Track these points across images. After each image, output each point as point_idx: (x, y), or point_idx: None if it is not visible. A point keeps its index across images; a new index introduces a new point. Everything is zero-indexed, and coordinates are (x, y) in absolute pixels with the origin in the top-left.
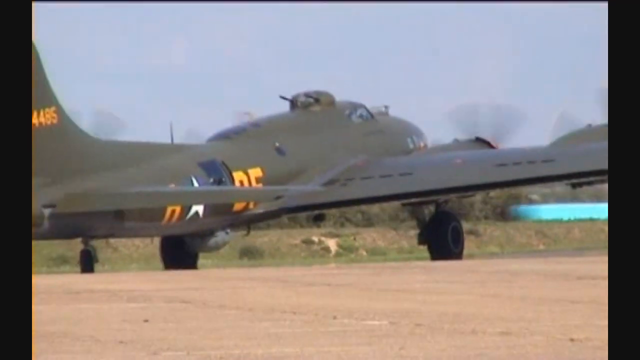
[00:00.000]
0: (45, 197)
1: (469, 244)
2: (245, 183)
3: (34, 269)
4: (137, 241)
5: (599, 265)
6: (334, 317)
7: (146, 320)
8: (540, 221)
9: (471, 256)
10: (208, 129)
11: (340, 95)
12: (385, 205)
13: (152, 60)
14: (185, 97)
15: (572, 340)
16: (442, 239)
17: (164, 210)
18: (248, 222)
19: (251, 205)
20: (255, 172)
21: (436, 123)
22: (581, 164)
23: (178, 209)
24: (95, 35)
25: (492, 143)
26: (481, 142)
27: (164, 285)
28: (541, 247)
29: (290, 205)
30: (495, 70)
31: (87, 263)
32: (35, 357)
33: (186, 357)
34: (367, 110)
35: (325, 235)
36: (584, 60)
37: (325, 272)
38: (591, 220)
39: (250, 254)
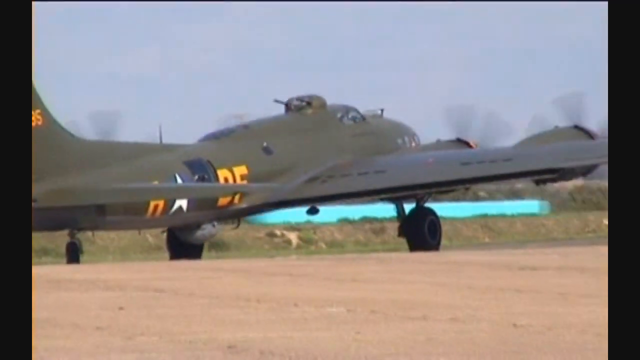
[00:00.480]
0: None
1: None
2: (230, 180)
3: None
4: (113, 234)
5: (539, 257)
6: (295, 305)
7: (121, 308)
8: (485, 216)
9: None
10: (201, 130)
11: (337, 98)
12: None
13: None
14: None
15: (515, 325)
16: (419, 231)
17: (147, 204)
18: (233, 216)
19: (236, 200)
20: (241, 170)
21: (435, 123)
22: (536, 163)
23: (161, 203)
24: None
25: (471, 143)
26: (461, 142)
27: (138, 275)
28: (486, 240)
29: (272, 200)
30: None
31: (73, 254)
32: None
33: (158, 342)
34: (359, 113)
35: (287, 228)
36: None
37: (287, 263)
38: (533, 215)
39: (217, 247)
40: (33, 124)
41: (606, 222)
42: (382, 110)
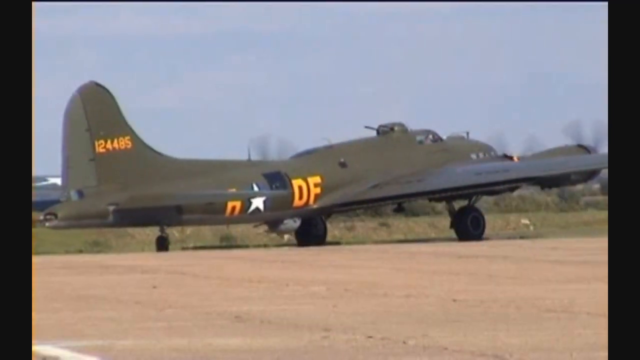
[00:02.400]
0: (111, 198)
1: (381, 234)
2: (304, 187)
3: (74, 249)
4: (148, 230)
5: (473, 248)
6: (287, 285)
7: (154, 287)
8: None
9: (383, 242)
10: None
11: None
12: None
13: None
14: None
15: (454, 300)
16: (463, 225)
17: (225, 205)
18: (307, 214)
19: (310, 202)
20: (315, 180)
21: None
22: (521, 173)
23: (238, 204)
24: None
25: (514, 157)
26: (506, 157)
27: (166, 262)
28: (432, 235)
29: (339, 202)
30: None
31: (162, 245)
32: (75, 313)
33: (182, 313)
34: (437, 135)
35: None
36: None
37: (281, 253)
38: None
39: (227, 240)
40: (123, 147)
41: (523, 221)
42: (467, 133)
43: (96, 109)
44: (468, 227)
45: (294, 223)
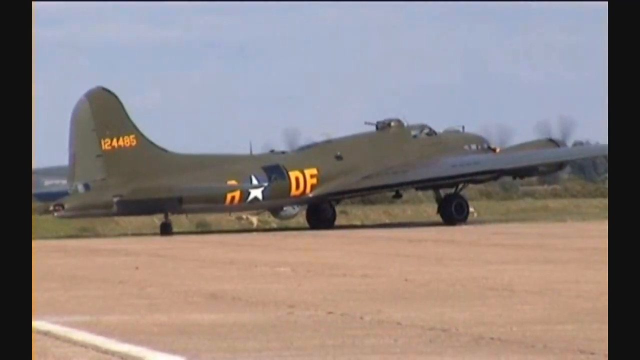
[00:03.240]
0: (115, 191)
1: (340, 220)
2: (300, 178)
3: (64, 235)
4: (132, 218)
5: (423, 233)
6: (255, 266)
7: (137, 268)
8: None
9: (342, 227)
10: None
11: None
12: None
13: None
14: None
15: (406, 280)
16: (448, 210)
17: (224, 195)
18: (304, 202)
19: (307, 191)
20: (311, 171)
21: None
22: (487, 166)
23: (237, 194)
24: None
25: (496, 149)
26: (490, 149)
27: (147, 245)
28: (386, 221)
29: (333, 191)
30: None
31: (165, 231)
32: (65, 292)
33: (162, 292)
34: (431, 129)
35: (250, 214)
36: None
37: (250, 238)
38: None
39: (202, 226)
40: (128, 144)
41: (471, 209)
42: (463, 127)
43: (102, 110)
44: (452, 212)
45: (292, 210)
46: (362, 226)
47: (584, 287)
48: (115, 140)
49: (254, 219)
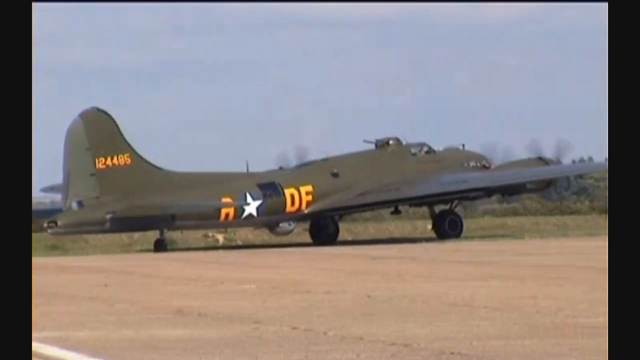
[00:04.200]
0: (109, 208)
1: (305, 237)
2: (296, 195)
3: (35, 253)
4: (100, 236)
5: (385, 250)
6: (222, 283)
7: (106, 285)
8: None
9: (306, 244)
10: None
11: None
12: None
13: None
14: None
15: (368, 296)
16: (442, 226)
17: (219, 212)
18: (299, 219)
19: (302, 208)
20: (306, 188)
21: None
22: (471, 185)
23: (232, 210)
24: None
25: (489, 166)
26: (484, 167)
27: (116, 263)
28: (349, 238)
29: (327, 207)
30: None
31: (160, 247)
32: (36, 308)
33: (130, 308)
34: (429, 147)
35: (216, 232)
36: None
37: (216, 255)
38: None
39: (170, 244)
40: (123, 163)
41: (429, 226)
42: (463, 145)
43: (97, 130)
44: (446, 228)
45: (288, 226)
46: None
47: (542, 303)
48: (109, 159)
49: (220, 237)
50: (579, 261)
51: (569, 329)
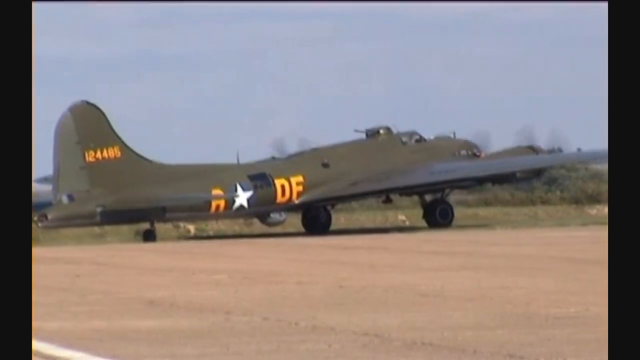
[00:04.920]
0: (99, 201)
1: (276, 228)
2: (286, 186)
3: None
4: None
5: (356, 240)
6: (193, 273)
7: (78, 276)
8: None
9: (277, 235)
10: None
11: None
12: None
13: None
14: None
15: (340, 286)
16: (432, 215)
17: (209, 204)
18: (290, 209)
19: (293, 198)
20: (297, 179)
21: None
22: (462, 174)
23: (222, 202)
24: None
25: (480, 154)
26: (471, 155)
27: (89, 254)
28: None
29: (318, 197)
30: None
31: (149, 238)
32: None
33: (102, 299)
34: (420, 136)
35: (188, 222)
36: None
37: (189, 245)
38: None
39: (139, 234)
40: (113, 156)
41: (400, 217)
42: (454, 133)
43: (86, 123)
44: (437, 217)
45: (279, 217)
46: (298, 234)
47: (514, 293)
48: (99, 152)
49: (191, 227)
50: (551, 251)
51: (540, 319)
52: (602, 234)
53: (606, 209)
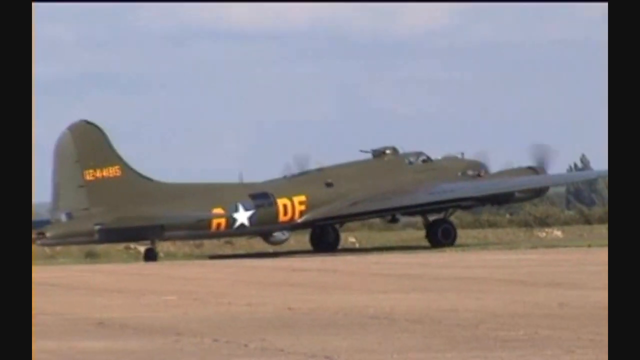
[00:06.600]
0: (97, 219)
1: (226, 249)
2: (289, 205)
3: None
4: None
5: (307, 263)
6: (143, 294)
7: None
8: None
9: (227, 257)
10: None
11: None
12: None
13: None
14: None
15: (290, 308)
16: (435, 235)
17: (209, 222)
18: (292, 228)
19: (295, 217)
20: (300, 198)
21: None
22: (465, 193)
23: (223, 221)
24: None
25: (481, 174)
26: (476, 175)
27: (40, 274)
28: (270, 250)
29: (320, 217)
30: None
31: (150, 257)
32: None
33: (52, 319)
34: (427, 156)
35: (138, 244)
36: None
37: (138, 267)
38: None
39: (91, 256)
40: (112, 175)
41: (350, 239)
42: (462, 154)
43: (85, 143)
44: (439, 237)
45: (282, 235)
46: (247, 255)
47: (463, 316)
48: (99, 171)
49: (142, 249)
50: (500, 274)
51: (489, 342)
52: (551, 257)
53: (555, 232)
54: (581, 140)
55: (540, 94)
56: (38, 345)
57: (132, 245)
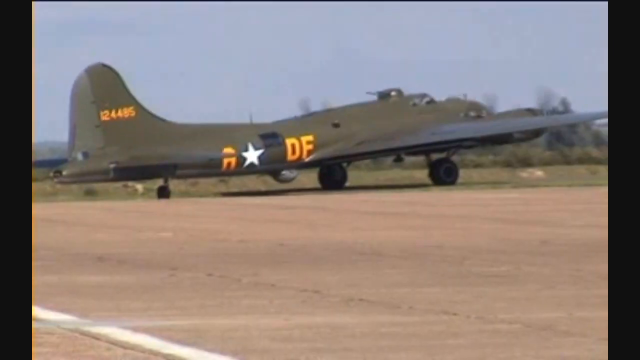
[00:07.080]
0: (112, 158)
1: (220, 187)
2: (297, 145)
3: None
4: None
5: (297, 200)
6: (140, 231)
7: None
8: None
9: (221, 194)
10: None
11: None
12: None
13: None
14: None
15: (281, 244)
16: (437, 173)
17: (221, 161)
18: (300, 167)
19: (303, 157)
20: (307, 138)
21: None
22: (466, 133)
23: (233, 160)
24: None
25: (482, 115)
26: (477, 116)
27: (39, 211)
28: (262, 188)
29: (327, 156)
30: None
31: (162, 194)
32: None
33: (51, 254)
34: (431, 98)
35: (135, 182)
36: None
37: (136, 204)
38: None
39: (90, 194)
40: (127, 115)
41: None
42: (465, 95)
43: (101, 84)
44: (441, 175)
45: (291, 174)
46: (240, 193)
47: (448, 252)
48: (114, 111)
49: (139, 187)
50: (484, 213)
51: (473, 277)
52: (532, 196)
53: (537, 172)
54: (564, 84)
55: (537, 41)
56: (40, 279)
57: (130, 183)
